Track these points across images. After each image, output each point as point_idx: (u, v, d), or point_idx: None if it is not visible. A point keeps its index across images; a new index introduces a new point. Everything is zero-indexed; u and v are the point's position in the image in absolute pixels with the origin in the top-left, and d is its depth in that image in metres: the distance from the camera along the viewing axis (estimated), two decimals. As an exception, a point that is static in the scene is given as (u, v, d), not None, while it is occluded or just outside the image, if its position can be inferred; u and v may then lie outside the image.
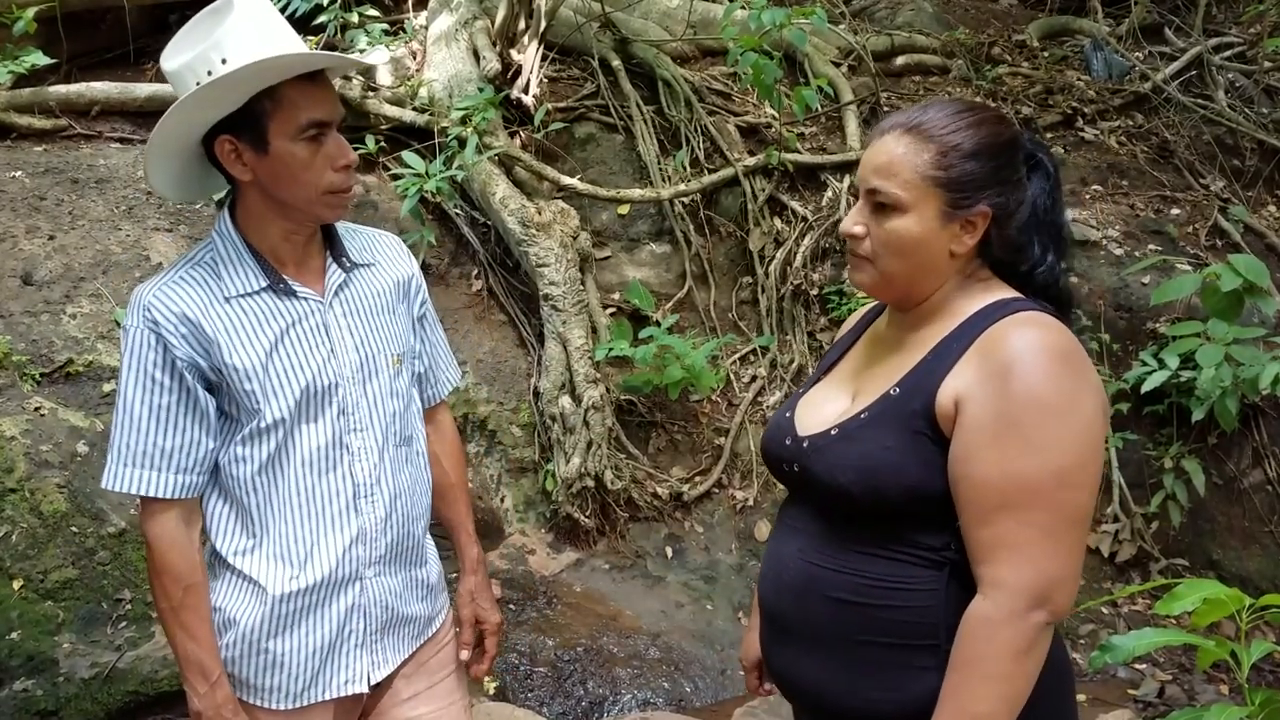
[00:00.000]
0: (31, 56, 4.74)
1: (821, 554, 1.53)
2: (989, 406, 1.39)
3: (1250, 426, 4.48)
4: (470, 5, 5.50)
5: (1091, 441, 1.39)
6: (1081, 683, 3.92)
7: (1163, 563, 4.39)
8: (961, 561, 1.43)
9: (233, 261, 1.72)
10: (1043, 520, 1.36)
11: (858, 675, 1.50)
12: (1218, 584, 1.70)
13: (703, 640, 3.97)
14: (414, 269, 1.98)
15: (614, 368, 4.72)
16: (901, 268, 1.51)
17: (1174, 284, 3.64)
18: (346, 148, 1.71)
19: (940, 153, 1.47)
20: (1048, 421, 1.37)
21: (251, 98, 1.62)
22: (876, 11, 6.98)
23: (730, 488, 4.64)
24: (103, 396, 3.73)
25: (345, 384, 1.77)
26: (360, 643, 1.82)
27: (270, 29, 1.65)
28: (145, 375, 1.65)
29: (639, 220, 5.31)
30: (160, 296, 1.66)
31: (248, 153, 1.66)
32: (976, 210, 1.48)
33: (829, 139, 5.70)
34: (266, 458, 1.71)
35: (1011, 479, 1.37)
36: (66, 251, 4.12)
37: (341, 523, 1.77)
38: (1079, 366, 1.41)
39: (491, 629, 2.05)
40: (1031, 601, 1.36)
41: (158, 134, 1.67)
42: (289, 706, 1.77)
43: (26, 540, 3.29)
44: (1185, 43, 6.55)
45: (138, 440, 1.66)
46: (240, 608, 1.74)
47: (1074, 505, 1.38)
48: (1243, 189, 5.61)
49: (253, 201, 1.72)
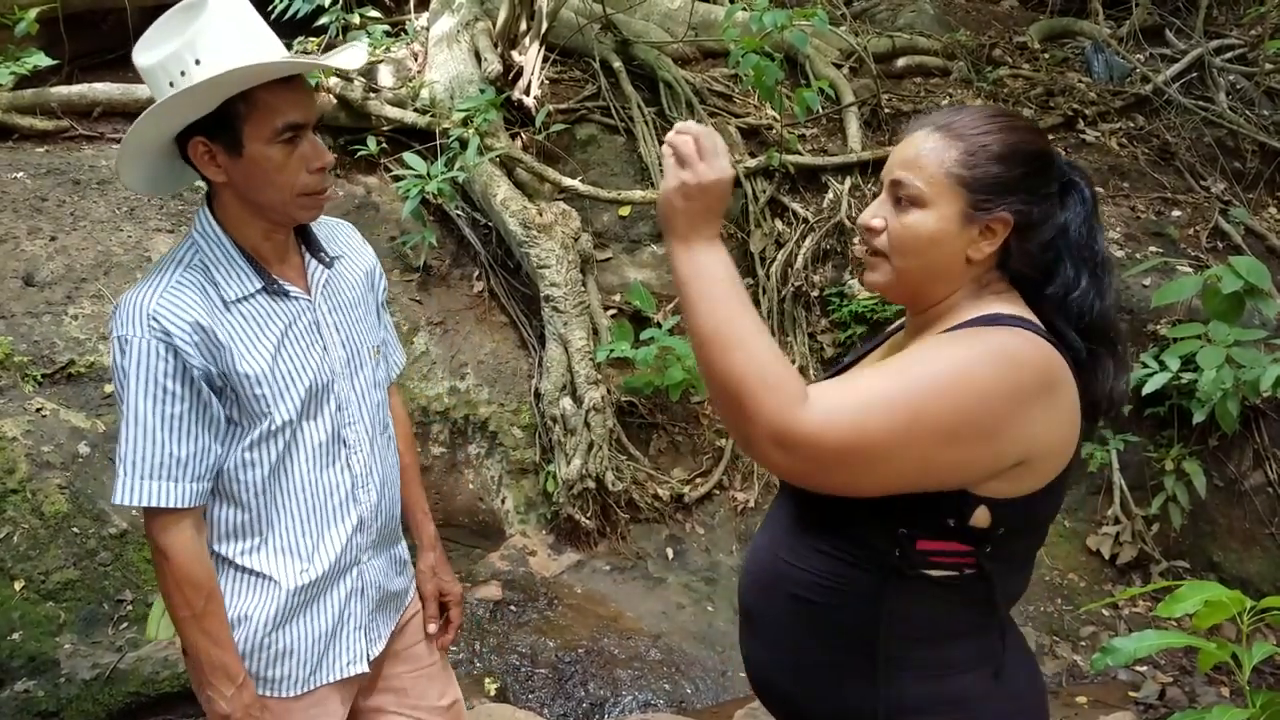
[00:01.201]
0: (33, 58, 4.75)
1: (787, 549, 1.51)
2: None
3: (1251, 428, 4.49)
4: (472, 7, 5.51)
5: (976, 389, 1.30)
6: (1082, 685, 3.92)
7: (1164, 565, 4.39)
8: (905, 570, 1.38)
9: (223, 263, 1.70)
10: (888, 378, 1.33)
11: (807, 675, 1.48)
12: (1219, 586, 1.70)
13: (703, 642, 3.97)
14: (374, 258, 2.01)
15: (615, 369, 4.72)
16: (915, 266, 1.46)
17: (1175, 286, 3.65)
18: (322, 149, 1.70)
19: (968, 151, 1.43)
20: (940, 353, 1.35)
21: (226, 100, 1.61)
22: (877, 13, 6.99)
23: (731, 489, 4.64)
24: (104, 397, 3.73)
25: (339, 379, 1.81)
26: (359, 624, 1.88)
27: (245, 28, 1.64)
28: (156, 385, 1.62)
29: (640, 221, 5.32)
30: (166, 305, 1.63)
31: (221, 155, 1.65)
32: (998, 215, 1.42)
33: (830, 141, 5.70)
34: (276, 459, 1.74)
35: (887, 363, 1.36)
36: (68, 252, 4.12)
37: (343, 513, 1.82)
38: (1021, 369, 1.33)
39: (455, 600, 2.14)
40: (790, 436, 1.26)
41: (132, 136, 1.64)
42: (298, 692, 1.82)
43: (28, 541, 3.29)
44: (1186, 45, 6.56)
45: (152, 452, 1.63)
46: (250, 605, 1.77)
47: (923, 392, 1.29)
48: (1244, 191, 5.62)
49: (229, 201, 1.71)
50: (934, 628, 1.41)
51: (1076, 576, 4.40)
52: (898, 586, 1.39)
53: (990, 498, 1.34)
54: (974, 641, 1.43)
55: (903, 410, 1.28)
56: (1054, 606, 4.26)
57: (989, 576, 1.39)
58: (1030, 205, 1.43)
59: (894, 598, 1.39)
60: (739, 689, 3.73)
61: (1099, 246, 1.48)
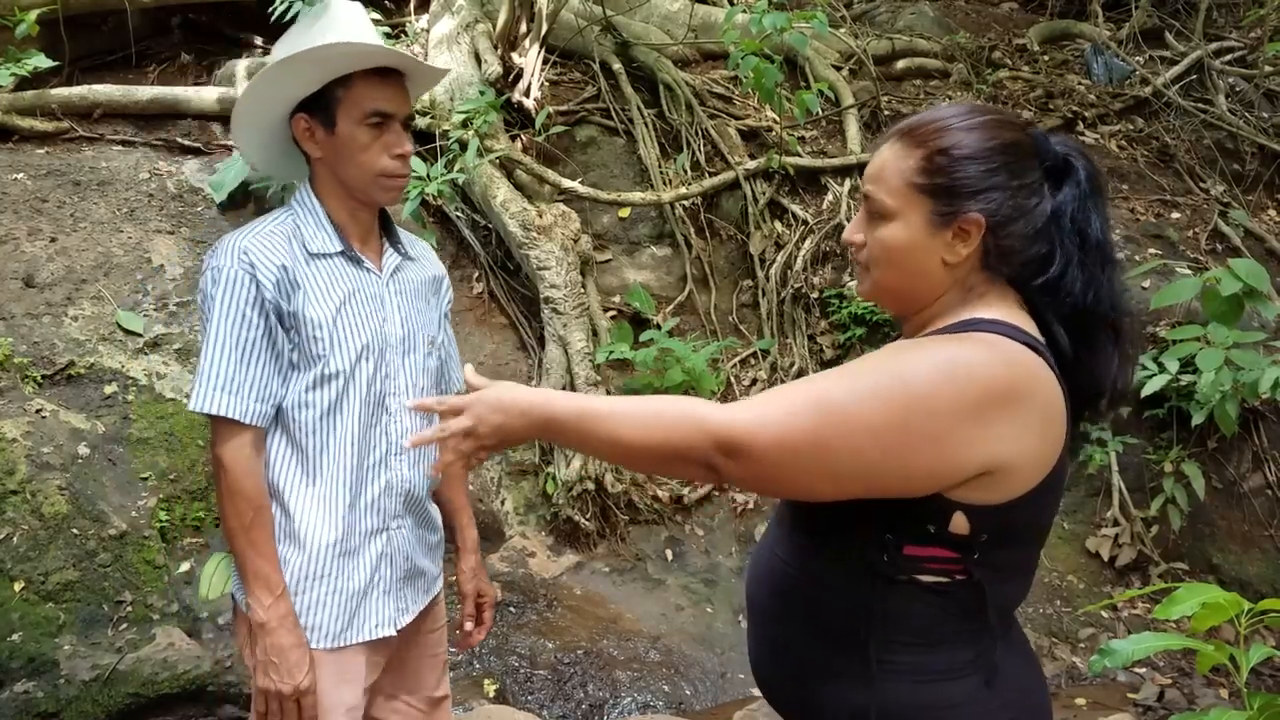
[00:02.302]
0: (34, 59, 4.75)
1: (784, 548, 1.51)
2: None
3: (1250, 431, 4.49)
4: (472, 9, 5.51)
5: (908, 397, 1.28)
6: (1081, 686, 3.92)
7: (1162, 567, 4.39)
8: (893, 575, 1.37)
9: (312, 224, 1.93)
10: (804, 387, 1.33)
11: (803, 674, 1.48)
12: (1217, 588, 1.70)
13: (703, 643, 3.97)
14: (444, 271, 2.22)
15: (615, 370, 4.72)
16: (893, 277, 1.45)
17: (1174, 288, 3.65)
18: (405, 139, 1.93)
19: (925, 158, 1.40)
20: (885, 363, 1.34)
21: (329, 84, 1.86)
22: (877, 15, 7.00)
23: (730, 491, 4.65)
24: (104, 399, 3.73)
25: (391, 351, 1.98)
26: (387, 589, 1.99)
27: (361, 28, 1.92)
28: (237, 311, 1.82)
29: (640, 223, 5.32)
30: (256, 242, 1.86)
31: (319, 130, 1.90)
32: (967, 217, 1.38)
33: (830, 142, 5.71)
34: (328, 405, 1.90)
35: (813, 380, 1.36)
36: (68, 254, 4.12)
37: (375, 473, 1.96)
38: (969, 382, 1.29)
39: (489, 602, 2.29)
40: (730, 440, 1.29)
41: (248, 95, 1.91)
42: (329, 645, 1.91)
43: (28, 542, 3.29)
44: (1186, 47, 6.57)
45: (225, 368, 1.82)
46: (291, 549, 1.89)
47: (845, 399, 1.29)
48: (1243, 193, 5.62)
49: (324, 177, 1.95)
50: (925, 633, 1.40)
51: (1075, 578, 4.40)
52: (886, 590, 1.38)
53: (966, 504, 1.32)
54: (966, 648, 1.42)
55: (831, 411, 1.28)
56: (1053, 608, 4.26)
57: (979, 583, 1.37)
58: (1000, 202, 1.38)
59: (883, 601, 1.38)
60: (738, 690, 3.73)
61: (1093, 230, 1.43)
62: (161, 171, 4.69)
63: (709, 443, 1.29)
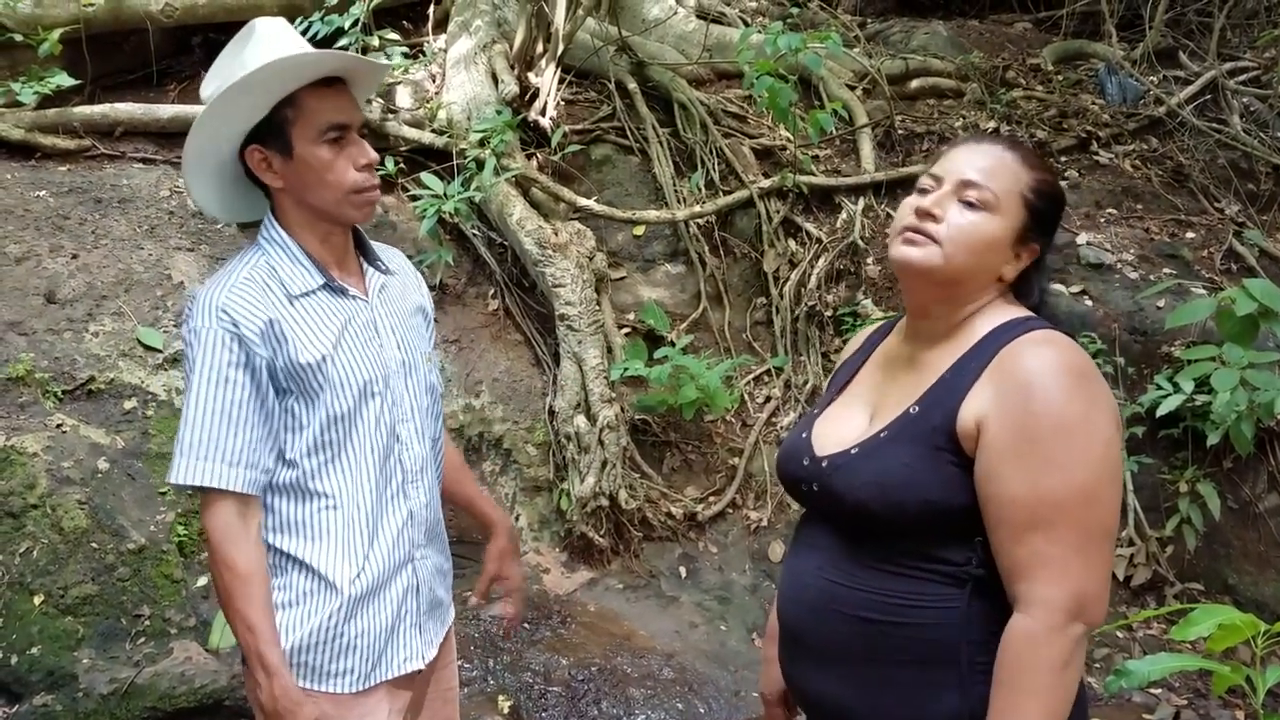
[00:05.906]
0: (56, 77, 4.81)
1: (840, 571, 1.55)
2: (1010, 426, 1.42)
3: (1265, 451, 4.47)
4: (489, 29, 5.56)
5: (1111, 457, 1.43)
6: (1097, 707, 3.90)
7: (1178, 587, 4.37)
8: (984, 578, 1.45)
9: (287, 262, 1.83)
10: (1072, 536, 1.40)
11: (878, 693, 1.51)
12: (1233, 609, 1.70)
13: (716, 661, 3.97)
14: (427, 298, 2.14)
15: (629, 387, 4.74)
16: (964, 261, 1.54)
17: (1189, 308, 3.65)
18: (366, 148, 1.83)
19: (1042, 181, 1.57)
20: (1068, 439, 1.40)
21: (274, 108, 1.76)
22: (891, 35, 7.02)
23: (744, 508, 4.65)
24: (124, 414, 3.76)
25: (394, 378, 1.91)
26: (414, 622, 1.94)
27: (288, 44, 1.78)
28: (219, 374, 1.72)
29: (654, 241, 5.35)
30: (234, 298, 1.74)
31: (276, 159, 1.79)
32: (1033, 245, 1.58)
33: (843, 161, 5.72)
34: (339, 446, 1.82)
35: (1039, 497, 1.40)
36: (89, 270, 4.17)
37: (395, 505, 1.90)
38: (1094, 384, 1.45)
39: (511, 589, 2.27)
40: (1069, 615, 1.39)
41: (190, 144, 1.80)
42: (356, 689, 1.85)
43: (47, 556, 3.32)
44: (1200, 67, 6.56)
45: (207, 435, 1.72)
46: (316, 602, 1.81)
47: (1099, 519, 1.42)
48: (1258, 213, 5.61)
49: (288, 206, 1.85)
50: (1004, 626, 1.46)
51: (1090, 598, 4.38)
52: (975, 592, 1.46)
53: None
54: None
55: (1094, 548, 1.42)
56: (1068, 628, 4.24)
57: None
58: (1048, 245, 1.60)
59: (973, 604, 1.46)
60: (752, 709, 3.73)
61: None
62: (182, 189, 4.73)
63: (1081, 634, 1.41)
